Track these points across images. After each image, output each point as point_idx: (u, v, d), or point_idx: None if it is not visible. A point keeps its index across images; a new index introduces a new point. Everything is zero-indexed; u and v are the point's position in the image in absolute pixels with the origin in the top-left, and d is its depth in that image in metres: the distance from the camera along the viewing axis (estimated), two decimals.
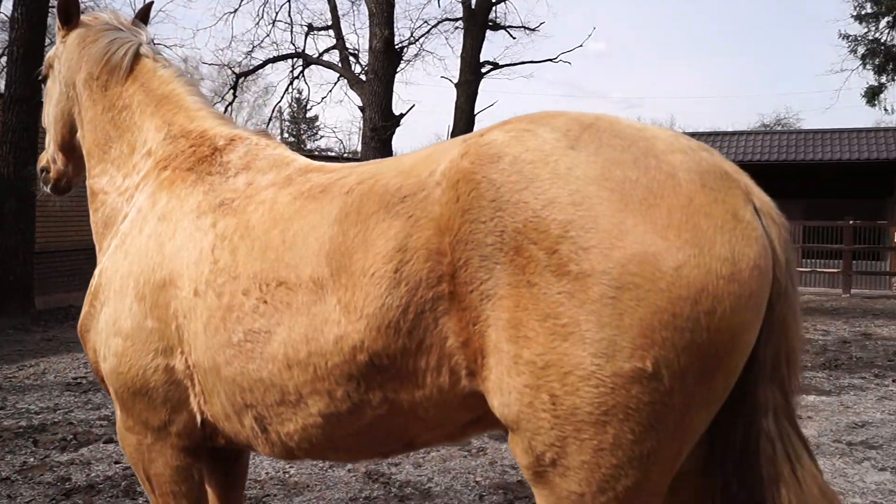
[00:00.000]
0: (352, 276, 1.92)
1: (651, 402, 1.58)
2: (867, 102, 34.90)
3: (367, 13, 17.87)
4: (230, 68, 22.68)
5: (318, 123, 48.36)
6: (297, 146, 42.58)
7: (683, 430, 1.66)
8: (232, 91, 22.08)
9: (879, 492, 4.76)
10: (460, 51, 21.47)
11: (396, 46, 18.39)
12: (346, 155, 30.18)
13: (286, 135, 47.39)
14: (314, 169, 2.38)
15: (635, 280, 1.56)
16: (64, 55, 2.96)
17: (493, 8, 21.74)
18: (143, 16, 3.07)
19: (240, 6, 22.09)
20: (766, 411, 1.74)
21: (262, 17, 22.35)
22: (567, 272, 1.61)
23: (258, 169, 2.46)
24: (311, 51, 22.61)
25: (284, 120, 46.53)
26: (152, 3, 3.20)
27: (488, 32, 22.08)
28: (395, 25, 17.80)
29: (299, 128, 48.87)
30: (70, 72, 2.92)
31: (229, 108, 22.53)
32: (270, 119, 26.15)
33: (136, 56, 2.83)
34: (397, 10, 17.85)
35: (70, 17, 2.91)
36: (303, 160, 2.51)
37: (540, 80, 63.23)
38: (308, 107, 43.40)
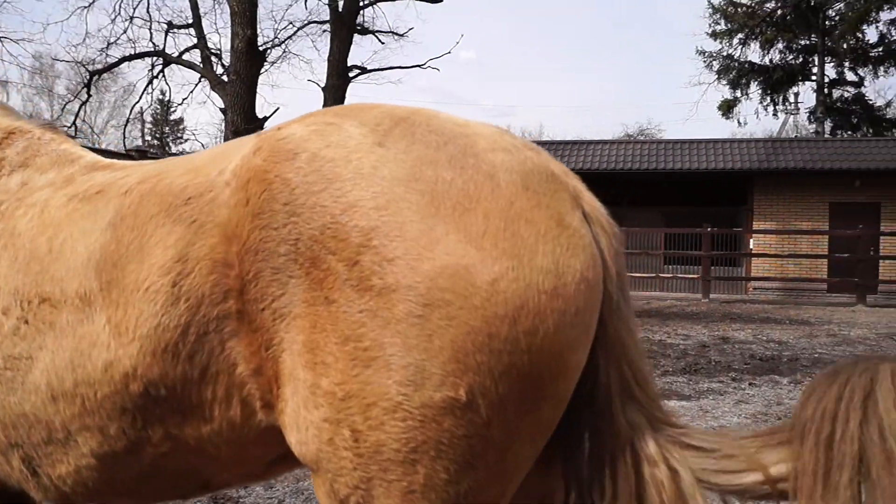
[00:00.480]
0: (124, 291, 1.69)
1: (467, 437, 1.40)
2: (723, 115, 37.00)
3: (229, 12, 17.33)
4: (84, 66, 21.57)
5: (182, 126, 46.61)
6: (162, 150, 40.79)
7: (507, 466, 1.48)
8: (86, 90, 21.06)
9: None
10: (327, 54, 21.16)
11: (260, 47, 17.97)
12: None
13: (149, 138, 45.46)
14: (102, 167, 2.12)
15: (446, 296, 1.38)
16: None
17: (361, 12, 21.64)
18: None
19: (94, 1, 21.16)
20: (632, 435, 1.59)
21: (119, 13, 21.38)
22: (369, 287, 1.42)
23: (37, 167, 2.18)
24: (172, 50, 21.78)
25: (146, 122, 44.65)
26: None
27: (357, 36, 21.97)
28: (259, 26, 17.29)
29: (162, 130, 47.02)
30: None
31: (84, 108, 21.68)
32: (128, 121, 24.82)
33: None
34: (262, 11, 17.57)
35: None
36: (91, 157, 2.22)
37: (410, 87, 63.71)
38: (172, 108, 41.68)
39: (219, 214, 1.63)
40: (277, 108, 17.76)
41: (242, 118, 17.02)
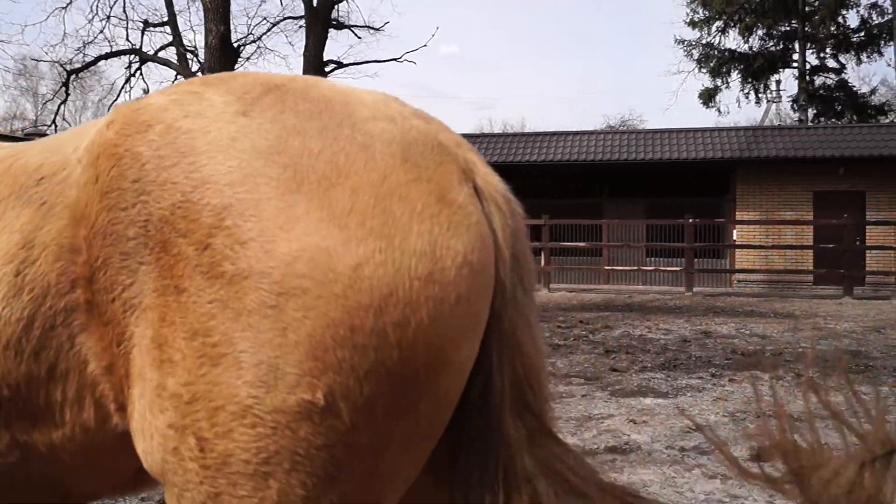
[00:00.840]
0: None
1: (327, 446, 1.24)
2: (703, 104, 36.93)
3: (202, 9, 17.20)
4: (62, 66, 21.77)
5: None
6: None
7: (380, 477, 1.32)
8: (65, 89, 21.30)
9: (707, 502, 4.56)
10: (303, 49, 21.02)
11: (234, 44, 17.86)
12: None
13: None
14: None
15: (303, 283, 1.22)
16: None
17: (336, 7, 21.53)
18: None
19: (71, 1, 21.29)
20: (520, 448, 1.43)
21: (96, 12, 21.48)
22: (220, 274, 1.27)
23: None
24: (149, 48, 21.97)
25: None
26: None
27: (333, 31, 21.79)
28: (233, 22, 17.20)
29: None
30: None
31: (64, 107, 22.00)
32: None
33: None
34: (236, 8, 17.39)
35: None
36: None
37: (389, 81, 63.32)
38: None
39: (68, 195, 1.49)
40: None
41: None
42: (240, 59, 19.07)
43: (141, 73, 21.55)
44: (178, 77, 20.35)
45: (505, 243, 1.40)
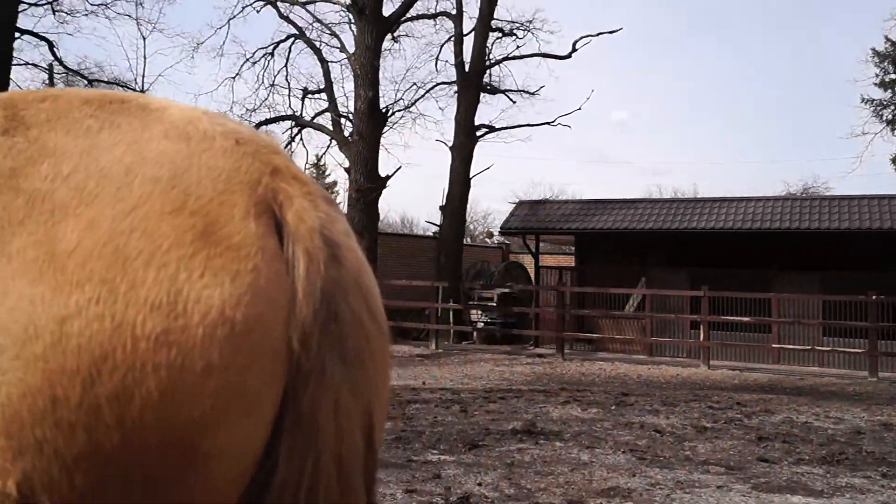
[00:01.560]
0: None
1: None
2: None
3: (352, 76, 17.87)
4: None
5: (336, 188, 48.37)
6: None
7: None
8: None
9: None
10: (454, 113, 21.20)
11: (383, 108, 18.23)
12: None
13: None
14: None
15: (33, 333, 0.99)
16: None
17: (489, 71, 21.54)
18: None
19: (240, 71, 23.20)
20: None
21: (262, 81, 22.97)
22: None
23: None
24: (310, 113, 23.20)
25: None
26: None
27: (485, 96, 21.89)
28: (383, 88, 17.77)
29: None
30: None
31: None
32: None
33: None
34: (391, 73, 17.86)
35: None
36: None
37: (557, 146, 62.94)
38: (326, 171, 43.24)
39: None
40: (399, 167, 18.09)
41: (365, 176, 17.26)
42: (388, 124, 19.43)
43: (301, 138, 22.65)
44: (332, 141, 21.02)
45: (308, 298, 1.09)
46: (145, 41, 28.77)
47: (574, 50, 24.02)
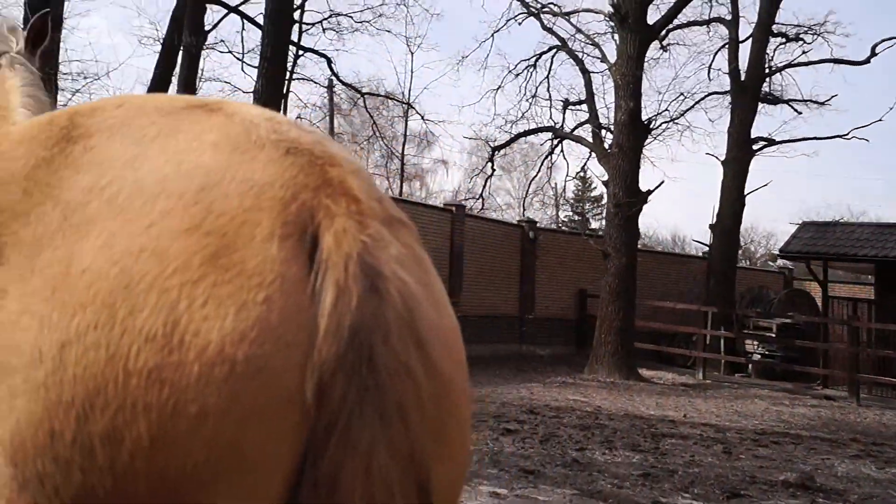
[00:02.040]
0: None
1: None
2: None
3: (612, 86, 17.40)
4: (488, 143, 23.85)
5: (602, 202, 47.71)
6: (583, 226, 41.93)
7: None
8: (490, 164, 23.36)
9: None
10: (728, 125, 19.80)
11: (645, 120, 17.48)
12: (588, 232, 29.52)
13: (571, 213, 46.80)
14: None
15: (11, 360, 0.97)
16: None
17: (768, 79, 19.82)
18: (40, 25, 2.59)
19: (502, 83, 23.46)
20: None
21: (524, 93, 23.06)
22: None
23: None
24: (571, 124, 23.03)
25: (568, 199, 45.63)
26: (48, 12, 2.75)
27: (764, 106, 20.20)
28: (647, 98, 17.17)
29: (583, 207, 47.33)
30: None
31: (489, 182, 24.17)
32: (558, 203, 26.63)
33: None
34: (656, 83, 17.14)
35: None
36: None
37: (853, 162, 56.62)
38: (592, 185, 42.84)
39: None
40: (662, 182, 17.02)
41: (624, 191, 16.66)
42: (651, 135, 18.60)
43: (562, 150, 22.54)
44: (591, 154, 20.58)
45: (331, 337, 0.93)
46: (413, 56, 30.49)
47: (873, 54, 21.54)
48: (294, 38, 23.13)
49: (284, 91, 18.54)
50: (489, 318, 19.53)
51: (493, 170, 23.32)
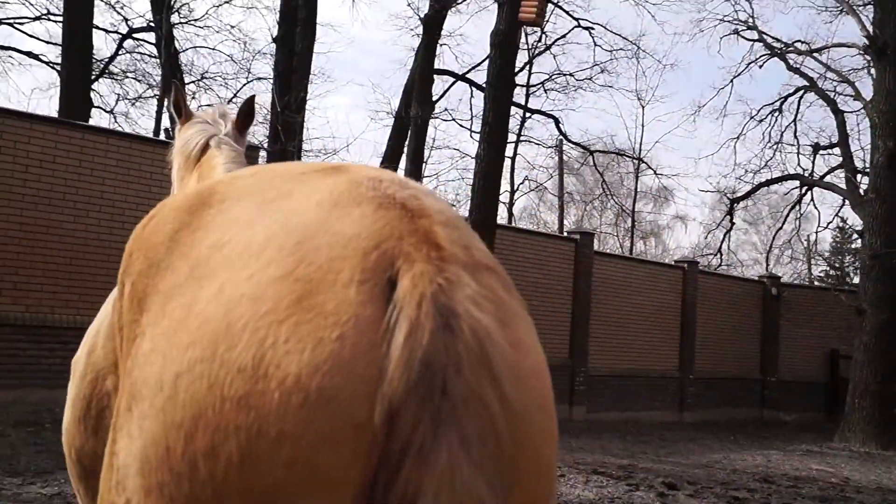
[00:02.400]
0: None
1: None
2: None
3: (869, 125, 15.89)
4: (725, 195, 22.74)
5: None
6: (840, 281, 38.16)
7: None
8: (729, 218, 22.07)
9: None
10: None
11: None
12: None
13: (826, 267, 42.62)
14: None
15: (143, 390, 1.15)
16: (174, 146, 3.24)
17: None
18: (247, 109, 3.18)
19: (743, 130, 22.71)
20: None
21: (768, 139, 21.74)
22: None
23: None
24: (822, 169, 21.42)
25: (821, 252, 41.54)
26: (253, 97, 3.36)
27: None
28: None
29: (842, 260, 42.65)
30: (174, 162, 3.14)
31: (727, 236, 22.79)
32: (810, 257, 24.79)
33: (205, 147, 2.92)
34: None
35: (181, 113, 3.17)
36: None
37: None
38: (851, 237, 38.93)
39: None
40: None
41: (882, 240, 14.97)
42: None
43: (812, 198, 20.93)
44: (845, 202, 18.80)
45: (402, 369, 1.01)
46: (644, 109, 29.64)
47: None
48: (522, 100, 23.58)
49: (512, 153, 18.87)
50: (724, 379, 18.35)
51: (733, 223, 22.09)
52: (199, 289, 1.16)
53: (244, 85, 21.30)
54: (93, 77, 21.35)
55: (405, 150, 17.23)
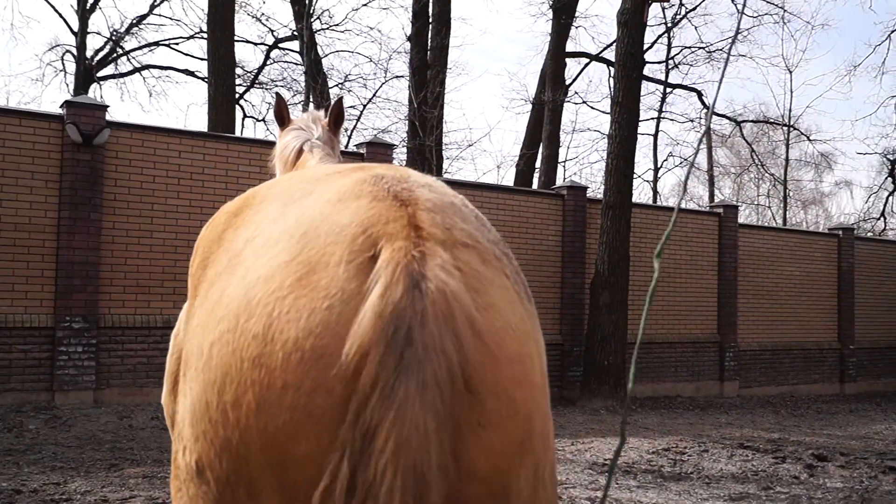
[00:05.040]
0: None
1: None
2: None
3: None
4: (885, 156, 21.69)
5: None
6: None
7: None
8: (891, 180, 21.11)
9: None
10: None
11: None
12: None
13: None
14: None
15: (190, 357, 1.46)
16: (274, 152, 3.43)
17: None
18: (337, 111, 3.37)
19: None
20: None
21: None
22: None
23: None
24: None
25: None
26: (341, 98, 3.53)
27: None
28: None
29: None
30: (276, 167, 3.34)
31: (890, 199, 21.44)
32: None
33: (300, 151, 3.13)
34: None
35: (283, 121, 3.37)
36: None
37: None
38: None
39: None
40: None
41: None
42: None
43: None
44: None
45: (373, 319, 1.19)
46: (791, 74, 27.82)
47: None
48: (661, 76, 23.01)
49: (654, 131, 18.53)
50: (888, 349, 17.37)
51: (895, 186, 20.78)
52: (232, 275, 1.40)
53: (382, 84, 21.93)
54: (243, 88, 22.69)
55: (543, 135, 17.32)
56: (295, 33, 21.35)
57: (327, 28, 22.07)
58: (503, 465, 1.23)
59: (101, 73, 24.74)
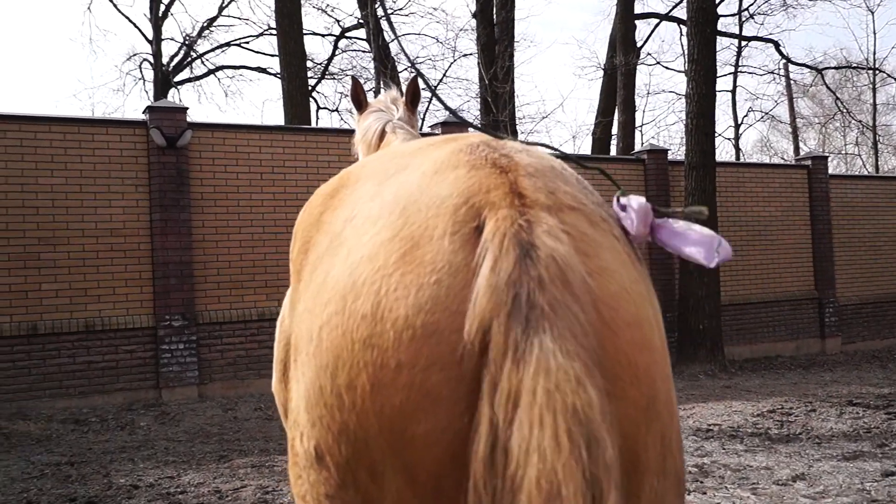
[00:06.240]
0: None
1: (328, 496, 1.32)
2: None
3: None
4: None
5: None
6: None
7: None
8: None
9: None
10: None
11: None
12: None
13: None
14: None
15: (300, 343, 1.42)
16: (356, 136, 3.40)
17: None
18: (413, 90, 3.32)
19: None
20: None
21: None
22: None
23: None
24: None
25: None
26: (416, 77, 3.42)
27: None
28: None
29: None
30: (359, 151, 3.30)
31: None
32: None
33: (382, 133, 3.09)
34: None
35: (360, 105, 3.37)
36: None
37: None
38: None
39: None
40: None
41: None
42: None
43: None
44: None
45: (489, 292, 1.14)
46: (873, 15, 26.37)
47: None
48: (735, 30, 22.23)
49: (732, 87, 17.91)
50: None
51: None
52: (334, 256, 1.35)
53: (451, 64, 21.96)
54: (315, 80, 22.93)
55: (617, 100, 17.00)
56: (360, 21, 21.48)
57: (392, 13, 22.11)
58: (631, 433, 1.16)
59: (177, 78, 25.42)
